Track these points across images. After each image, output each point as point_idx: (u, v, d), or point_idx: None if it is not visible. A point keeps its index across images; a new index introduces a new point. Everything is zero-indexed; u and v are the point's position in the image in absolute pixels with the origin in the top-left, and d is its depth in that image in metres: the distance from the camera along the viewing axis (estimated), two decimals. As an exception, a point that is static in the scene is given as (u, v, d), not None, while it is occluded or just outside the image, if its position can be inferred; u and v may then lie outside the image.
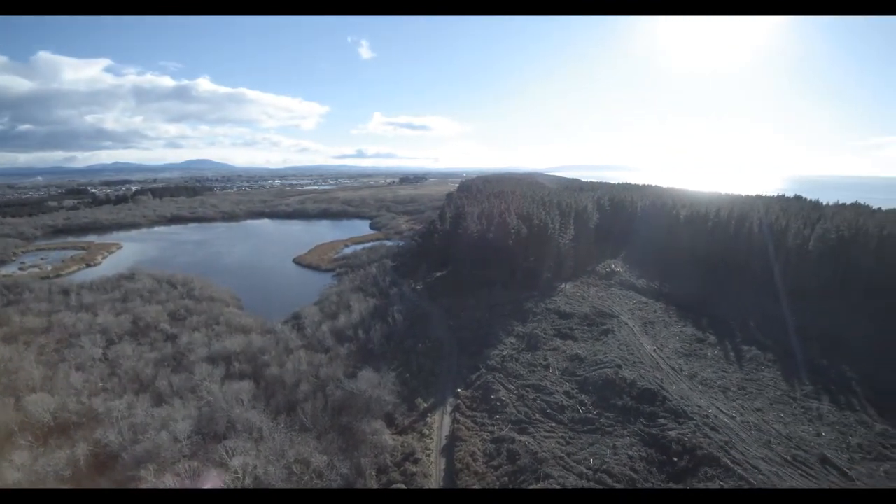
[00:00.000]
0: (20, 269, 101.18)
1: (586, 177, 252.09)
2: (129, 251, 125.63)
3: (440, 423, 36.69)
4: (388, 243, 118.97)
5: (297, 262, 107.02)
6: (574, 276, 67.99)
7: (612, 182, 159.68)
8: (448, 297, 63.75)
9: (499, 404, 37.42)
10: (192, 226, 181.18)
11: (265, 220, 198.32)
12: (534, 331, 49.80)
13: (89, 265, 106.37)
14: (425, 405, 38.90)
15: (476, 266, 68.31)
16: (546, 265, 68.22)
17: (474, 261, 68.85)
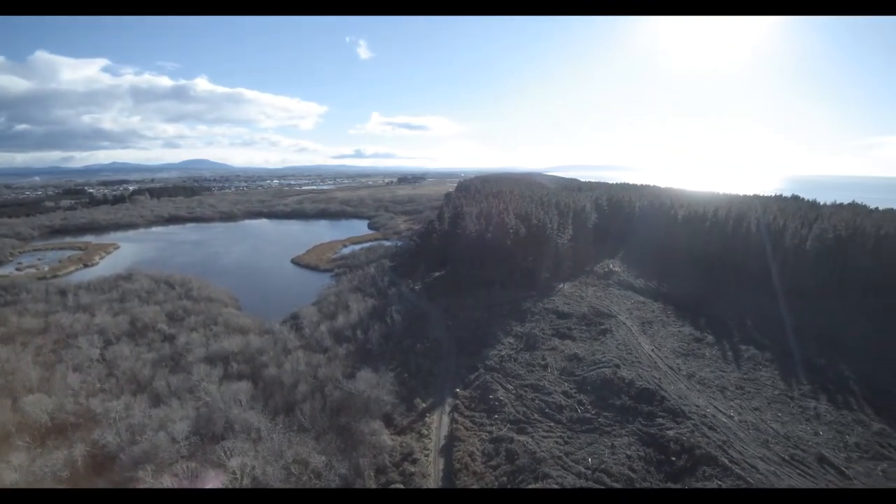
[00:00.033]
0: (17, 269, 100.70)
1: (585, 177, 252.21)
2: (126, 251, 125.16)
3: (439, 423, 36.69)
4: (387, 243, 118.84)
5: (296, 262, 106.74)
6: (572, 276, 68.05)
7: (611, 182, 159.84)
8: (446, 297, 63.72)
9: (497, 404, 37.45)
10: (190, 226, 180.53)
11: (263, 221, 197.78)
12: (532, 331, 49.83)
13: (87, 265, 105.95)
14: (424, 405, 38.89)
15: (474, 266, 68.22)
16: (544, 265, 68.23)
17: (473, 261, 68.77)
